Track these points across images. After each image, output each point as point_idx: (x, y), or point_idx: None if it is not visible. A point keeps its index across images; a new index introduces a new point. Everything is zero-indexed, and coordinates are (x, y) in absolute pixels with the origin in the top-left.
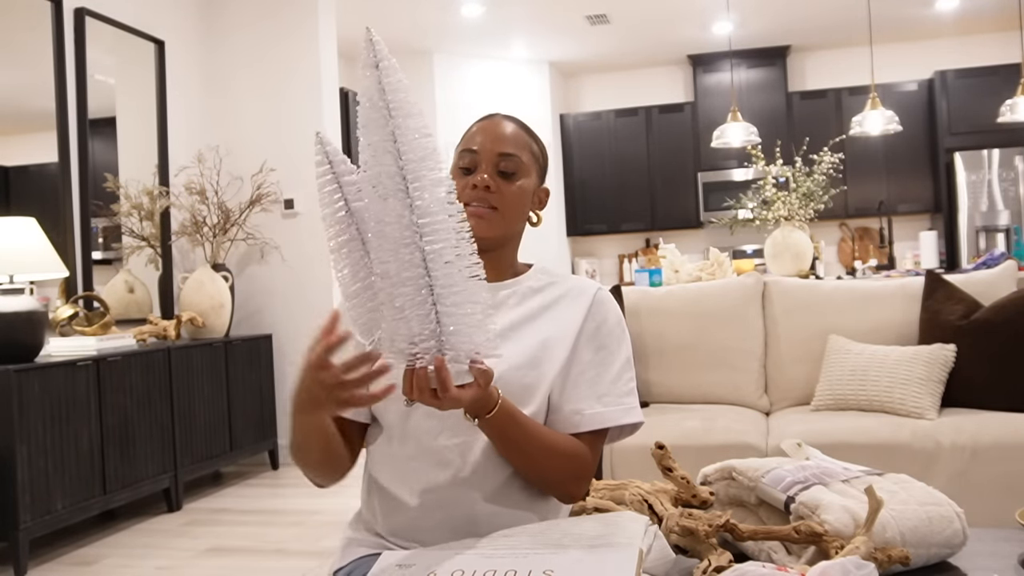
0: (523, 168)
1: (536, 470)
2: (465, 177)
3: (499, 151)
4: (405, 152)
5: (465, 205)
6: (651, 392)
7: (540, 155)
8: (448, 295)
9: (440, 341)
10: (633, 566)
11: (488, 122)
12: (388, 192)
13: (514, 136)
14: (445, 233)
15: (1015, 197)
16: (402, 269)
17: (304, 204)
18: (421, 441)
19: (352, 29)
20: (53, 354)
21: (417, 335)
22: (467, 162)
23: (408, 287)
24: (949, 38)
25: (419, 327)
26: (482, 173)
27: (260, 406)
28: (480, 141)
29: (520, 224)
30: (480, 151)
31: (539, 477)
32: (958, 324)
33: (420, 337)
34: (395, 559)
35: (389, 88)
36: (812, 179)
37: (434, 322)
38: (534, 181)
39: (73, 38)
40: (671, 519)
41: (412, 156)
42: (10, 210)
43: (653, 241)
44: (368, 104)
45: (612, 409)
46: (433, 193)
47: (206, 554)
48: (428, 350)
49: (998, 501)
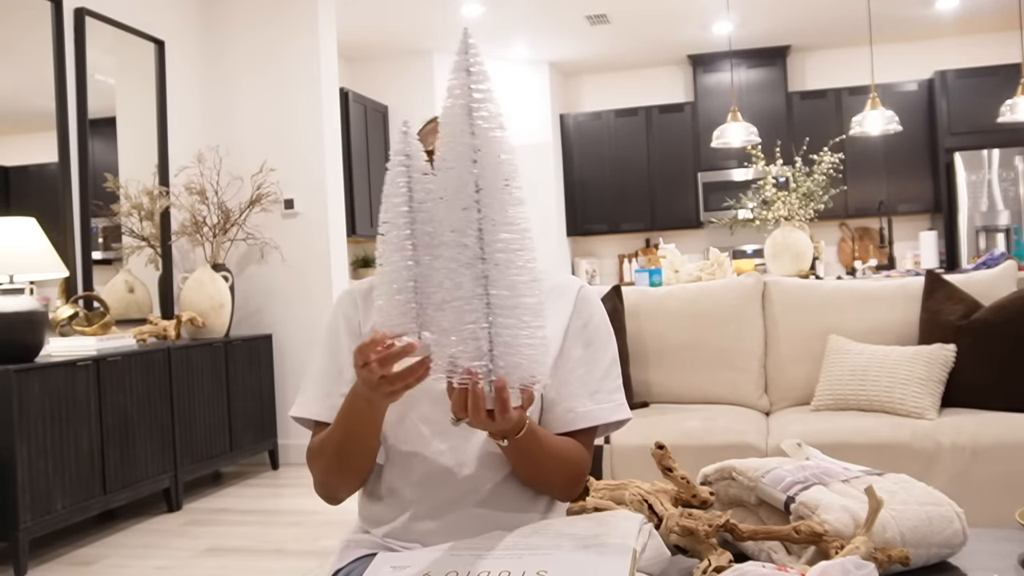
0: None
1: (544, 478)
2: None
3: None
4: (484, 170)
5: None
6: (651, 392)
7: None
8: (506, 317)
9: (495, 362)
10: (627, 565)
11: (435, 124)
12: (459, 204)
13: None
14: (509, 255)
15: (1015, 197)
16: (462, 287)
17: (304, 204)
18: (416, 446)
19: (352, 29)
20: (53, 354)
21: (472, 354)
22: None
23: (466, 305)
24: (949, 38)
25: (475, 347)
26: None
27: (260, 406)
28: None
29: None
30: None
31: (545, 483)
32: (958, 324)
33: (474, 356)
34: (390, 561)
35: (477, 98)
36: (812, 179)
37: (489, 342)
38: None
39: (73, 38)
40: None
41: (490, 175)
42: (10, 210)
43: (653, 241)
44: (454, 110)
45: (604, 406)
46: (503, 215)
47: (206, 554)
48: (483, 370)
49: (998, 501)
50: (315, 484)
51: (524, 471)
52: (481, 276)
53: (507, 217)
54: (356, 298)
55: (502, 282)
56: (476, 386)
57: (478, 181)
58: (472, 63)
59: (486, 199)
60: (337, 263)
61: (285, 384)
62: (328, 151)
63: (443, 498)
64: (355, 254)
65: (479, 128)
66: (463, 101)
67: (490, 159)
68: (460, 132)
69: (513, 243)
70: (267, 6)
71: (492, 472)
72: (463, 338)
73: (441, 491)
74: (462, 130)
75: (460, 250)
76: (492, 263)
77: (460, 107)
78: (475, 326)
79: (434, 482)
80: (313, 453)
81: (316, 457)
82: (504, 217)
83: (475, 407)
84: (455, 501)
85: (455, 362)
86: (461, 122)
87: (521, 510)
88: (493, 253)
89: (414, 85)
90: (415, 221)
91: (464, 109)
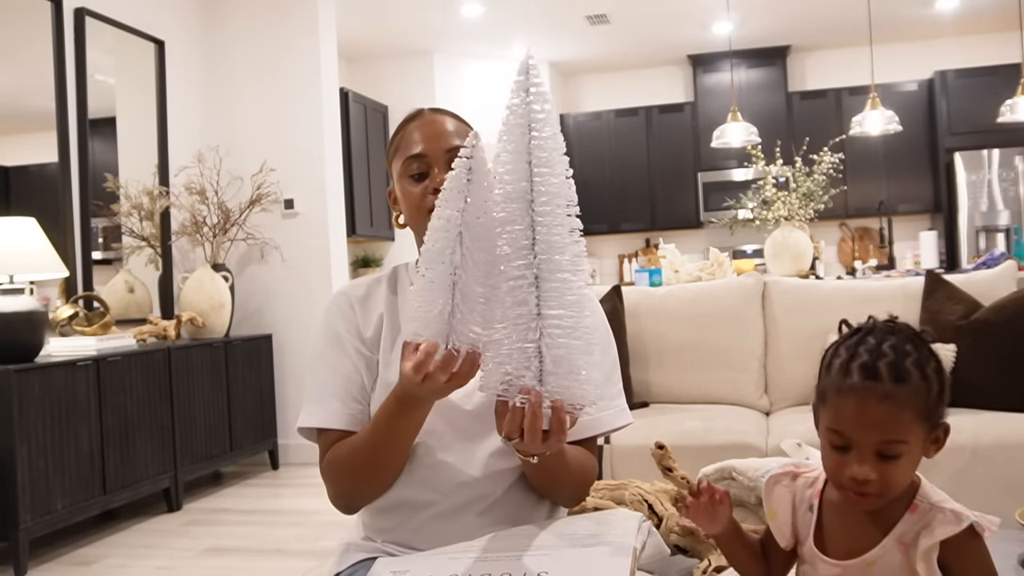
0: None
1: (557, 488)
2: (418, 184)
3: (448, 147)
4: (541, 193)
5: (428, 212)
6: (651, 392)
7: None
8: (561, 338)
9: (546, 384)
10: (627, 564)
11: (422, 121)
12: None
13: (456, 128)
14: (563, 276)
15: (1015, 197)
16: (521, 305)
17: (304, 204)
18: (421, 456)
19: (352, 29)
20: (53, 354)
21: (529, 375)
22: (417, 168)
23: (522, 325)
24: (949, 38)
25: (529, 367)
26: (440, 175)
27: (260, 406)
28: (424, 142)
29: None
30: (428, 152)
31: (556, 492)
32: (958, 324)
33: (530, 377)
34: (390, 565)
35: (536, 121)
36: (812, 179)
37: (540, 363)
38: None
39: (73, 38)
40: (671, 519)
41: (546, 201)
42: (10, 210)
43: (653, 241)
44: (513, 130)
45: (607, 413)
46: (561, 238)
47: (206, 554)
48: (536, 390)
49: (998, 501)
50: (334, 496)
51: (540, 482)
52: (535, 300)
53: (564, 240)
54: (352, 302)
55: (559, 303)
56: (537, 407)
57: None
58: (532, 82)
59: (544, 220)
60: (337, 263)
61: (285, 384)
62: (328, 151)
63: (447, 507)
64: (355, 254)
65: (537, 149)
66: (523, 120)
67: (549, 180)
68: (519, 152)
69: (566, 266)
70: (267, 6)
71: (497, 482)
72: (518, 358)
73: (446, 500)
74: (521, 150)
75: (518, 269)
76: (549, 284)
77: (519, 127)
78: (532, 347)
79: (439, 492)
80: (338, 464)
81: (342, 468)
82: (562, 239)
83: (532, 428)
84: (459, 510)
85: (510, 381)
86: (520, 142)
87: (524, 517)
88: (550, 274)
89: (414, 85)
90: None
91: (523, 129)
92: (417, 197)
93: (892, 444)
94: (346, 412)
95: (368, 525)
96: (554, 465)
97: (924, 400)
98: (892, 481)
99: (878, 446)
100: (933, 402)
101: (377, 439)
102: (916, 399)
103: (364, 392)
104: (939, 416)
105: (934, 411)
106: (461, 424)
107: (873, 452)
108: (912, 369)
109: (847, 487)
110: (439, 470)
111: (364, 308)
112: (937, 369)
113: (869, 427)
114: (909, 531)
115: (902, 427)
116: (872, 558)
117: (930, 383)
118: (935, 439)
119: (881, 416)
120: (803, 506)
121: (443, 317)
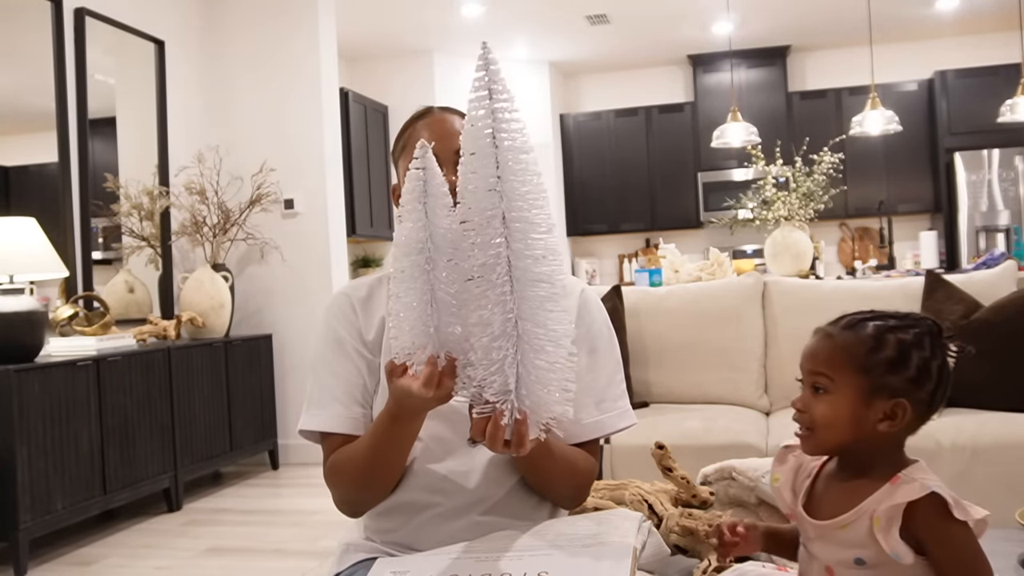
0: None
1: (553, 487)
2: None
3: (456, 147)
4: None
5: None
6: (651, 392)
7: None
8: (533, 352)
9: (521, 399)
10: (628, 564)
11: (431, 120)
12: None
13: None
14: (539, 285)
15: (1015, 197)
16: (492, 323)
17: (304, 204)
18: (424, 460)
19: (352, 29)
20: (53, 354)
21: (499, 387)
22: None
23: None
24: (949, 38)
25: (502, 381)
26: (449, 176)
27: (260, 406)
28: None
29: None
30: (436, 153)
31: (553, 491)
32: (958, 324)
33: (501, 389)
34: (390, 566)
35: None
36: (812, 179)
37: (516, 379)
38: None
39: (73, 38)
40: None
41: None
42: (10, 210)
43: (653, 241)
44: (476, 135)
45: (610, 415)
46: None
47: (206, 554)
48: (507, 405)
49: (998, 501)
50: (338, 500)
51: (534, 480)
52: (512, 312)
53: (537, 246)
54: (353, 303)
55: (532, 318)
56: (498, 420)
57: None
58: (494, 81)
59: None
60: (337, 263)
61: (285, 384)
62: (328, 151)
63: (448, 508)
64: (355, 254)
65: (503, 154)
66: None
67: (515, 187)
68: (484, 159)
69: (543, 275)
70: (267, 6)
71: (499, 485)
72: (491, 372)
73: (447, 503)
74: (486, 157)
75: (490, 284)
76: (522, 298)
77: (484, 134)
78: (503, 361)
79: (440, 495)
80: (338, 471)
81: (342, 476)
82: (534, 247)
83: (493, 437)
84: (460, 512)
85: (481, 391)
86: (484, 148)
87: (525, 519)
88: (525, 287)
89: (414, 85)
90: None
91: (488, 136)
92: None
93: (818, 376)
94: (348, 416)
95: (368, 526)
96: (545, 462)
97: (864, 354)
98: (817, 417)
99: (811, 377)
100: (879, 365)
101: (374, 452)
102: (855, 347)
103: (367, 395)
104: (889, 386)
105: (879, 374)
106: (462, 428)
107: (810, 385)
108: (872, 329)
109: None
110: (441, 474)
111: (366, 310)
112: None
113: (807, 357)
114: (882, 500)
115: (830, 364)
116: (844, 521)
117: (883, 346)
118: (887, 413)
119: (815, 348)
120: (803, 473)
121: (428, 331)
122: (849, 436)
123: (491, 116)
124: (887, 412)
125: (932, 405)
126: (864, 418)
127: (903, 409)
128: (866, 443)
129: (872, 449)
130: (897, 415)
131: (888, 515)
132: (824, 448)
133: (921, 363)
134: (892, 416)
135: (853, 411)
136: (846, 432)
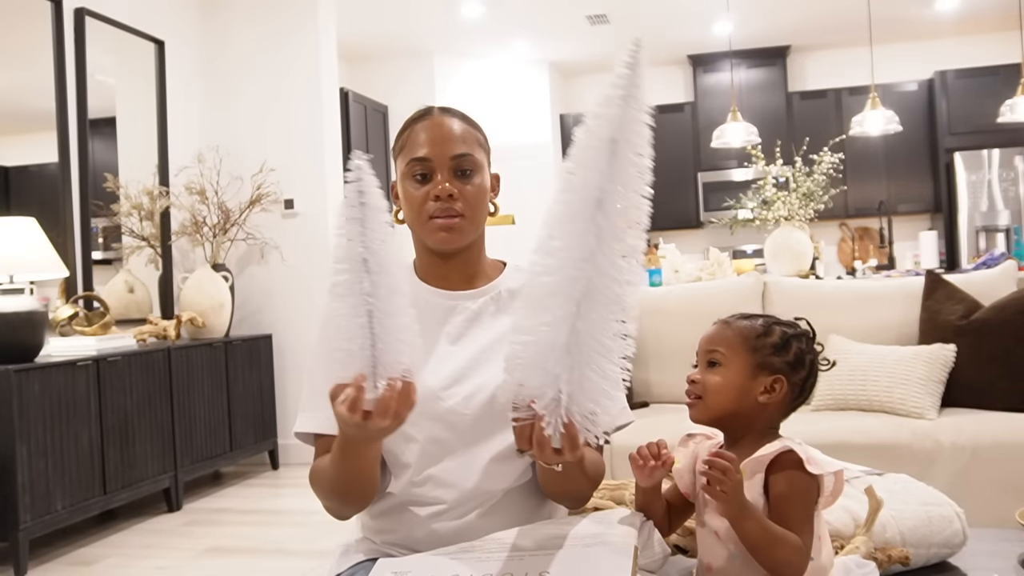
0: (478, 164)
1: (570, 492)
2: (421, 187)
3: (452, 153)
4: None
5: (429, 219)
6: (651, 392)
7: (486, 143)
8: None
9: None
10: (628, 564)
11: (430, 122)
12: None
13: (463, 133)
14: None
15: (1015, 197)
16: (556, 332)
17: (304, 204)
18: (422, 462)
19: (352, 29)
20: (53, 354)
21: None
22: (421, 171)
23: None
24: (949, 38)
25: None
26: (443, 182)
27: (260, 406)
28: (429, 146)
29: (485, 221)
30: (432, 157)
31: (568, 495)
32: (958, 324)
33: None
34: (391, 566)
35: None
36: (812, 179)
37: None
38: (487, 172)
39: (73, 38)
40: None
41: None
42: (10, 210)
43: (653, 241)
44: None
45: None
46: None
47: (206, 554)
48: (554, 409)
49: (998, 501)
50: (322, 504)
51: (556, 488)
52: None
53: (624, 271)
54: None
55: (599, 338)
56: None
57: (601, 231)
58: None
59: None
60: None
61: (285, 384)
62: (328, 151)
63: (448, 509)
64: None
65: (620, 167)
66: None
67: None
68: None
69: (619, 298)
70: (267, 6)
71: (498, 485)
72: (540, 376)
73: (447, 503)
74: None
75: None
76: (594, 299)
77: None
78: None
79: (440, 497)
80: (314, 479)
81: (317, 483)
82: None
83: (541, 445)
84: (460, 512)
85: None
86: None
87: (525, 519)
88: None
89: (414, 85)
90: (369, 267)
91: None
92: (418, 201)
93: (714, 353)
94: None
95: (367, 527)
96: (575, 471)
97: (754, 336)
98: (708, 386)
99: (707, 355)
100: (766, 347)
101: (337, 474)
102: (747, 331)
103: None
104: (771, 365)
105: (765, 354)
106: (461, 429)
107: (705, 361)
108: (763, 320)
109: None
110: (440, 476)
111: None
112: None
113: (706, 339)
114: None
115: (726, 343)
116: None
117: (770, 333)
118: (767, 387)
119: (715, 332)
120: (700, 458)
121: (364, 352)
122: (733, 404)
123: (620, 123)
124: (767, 386)
125: (803, 391)
126: (749, 388)
127: (781, 384)
128: (746, 416)
129: (751, 422)
130: (775, 389)
131: (752, 468)
132: (711, 413)
133: (799, 352)
134: (771, 390)
135: (741, 382)
136: (732, 399)
